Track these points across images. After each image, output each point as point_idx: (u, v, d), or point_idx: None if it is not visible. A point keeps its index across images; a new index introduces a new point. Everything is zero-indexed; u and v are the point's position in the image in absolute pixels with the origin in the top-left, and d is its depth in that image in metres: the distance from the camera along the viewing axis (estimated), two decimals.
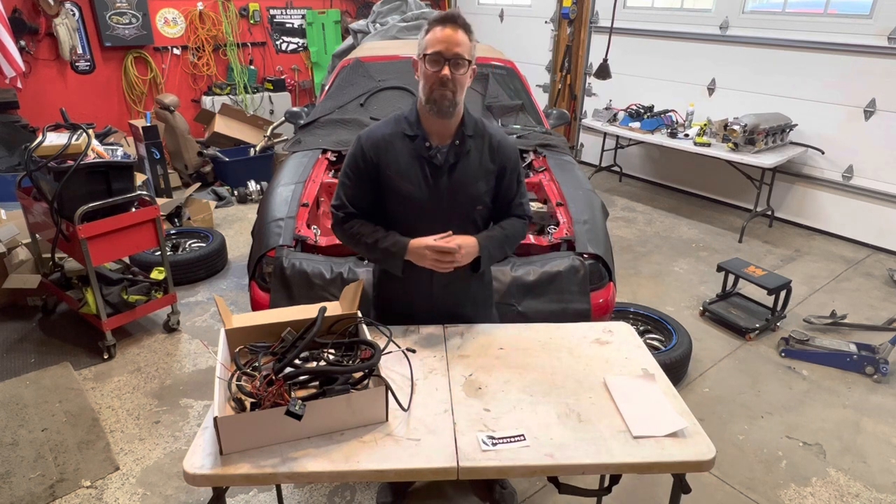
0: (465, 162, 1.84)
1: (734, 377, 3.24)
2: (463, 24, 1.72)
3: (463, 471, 1.42)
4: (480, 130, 1.87)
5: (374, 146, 1.83)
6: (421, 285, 1.92)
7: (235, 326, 1.73)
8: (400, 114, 1.88)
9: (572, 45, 6.73)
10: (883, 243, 4.81)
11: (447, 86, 1.70)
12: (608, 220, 3.15)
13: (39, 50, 5.73)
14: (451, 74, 1.69)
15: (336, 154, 3.49)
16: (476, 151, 1.85)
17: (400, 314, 1.98)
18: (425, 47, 1.72)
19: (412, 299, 1.97)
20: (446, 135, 1.82)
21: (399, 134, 1.83)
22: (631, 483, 2.47)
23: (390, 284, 1.99)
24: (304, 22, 7.43)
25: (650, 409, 1.59)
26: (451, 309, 1.99)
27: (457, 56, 1.69)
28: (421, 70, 1.75)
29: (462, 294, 2.00)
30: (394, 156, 1.82)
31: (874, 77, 4.56)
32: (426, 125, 1.81)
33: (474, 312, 2.04)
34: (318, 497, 2.45)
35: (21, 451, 2.62)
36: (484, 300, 2.10)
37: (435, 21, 1.73)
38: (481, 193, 1.87)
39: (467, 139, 1.83)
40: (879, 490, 2.52)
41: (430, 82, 1.72)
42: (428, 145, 1.81)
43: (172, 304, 3.56)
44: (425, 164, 1.82)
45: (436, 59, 1.70)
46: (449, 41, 1.69)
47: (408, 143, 1.82)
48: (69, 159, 3.02)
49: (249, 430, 1.41)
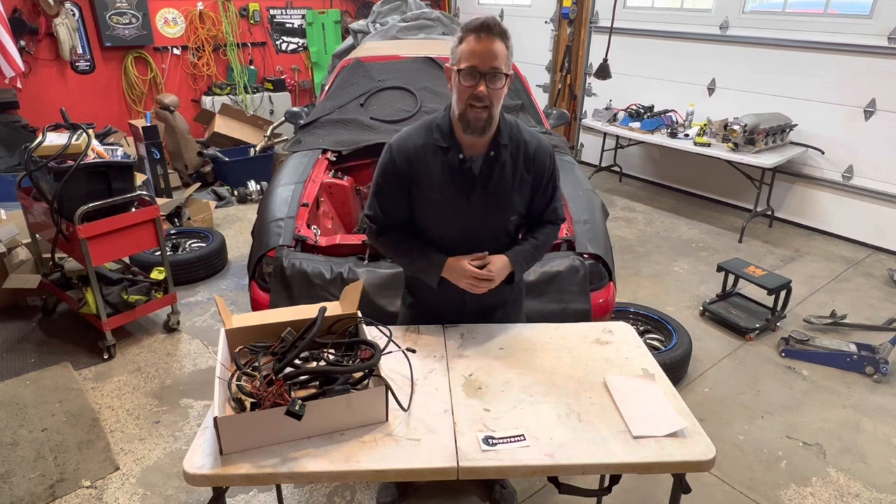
0: (500, 174, 1.76)
1: (734, 377, 3.24)
2: (500, 33, 1.61)
3: (463, 471, 1.42)
4: (516, 137, 1.79)
5: (406, 158, 1.76)
6: (454, 292, 1.89)
7: (235, 326, 1.73)
8: (432, 121, 1.80)
9: (572, 45, 6.73)
10: (883, 243, 4.81)
11: (482, 101, 1.62)
12: (608, 220, 3.15)
13: (39, 50, 5.73)
14: (488, 90, 1.61)
15: (336, 154, 3.49)
16: (511, 161, 1.77)
17: (430, 316, 1.99)
18: (459, 59, 1.63)
19: (444, 303, 1.96)
20: (481, 145, 1.75)
21: (431, 146, 1.75)
22: (631, 483, 2.47)
23: (422, 288, 1.97)
24: (304, 22, 7.43)
25: (650, 409, 1.59)
26: (483, 313, 1.99)
27: (494, 70, 1.60)
28: (454, 82, 1.66)
29: (493, 298, 1.96)
30: (426, 168, 1.75)
31: (874, 77, 4.56)
32: (459, 136, 1.73)
33: (504, 314, 2.03)
34: (318, 497, 2.45)
35: (21, 451, 2.62)
36: (514, 301, 2.08)
37: (469, 30, 1.62)
38: (515, 205, 1.82)
39: (502, 149, 1.75)
40: (879, 490, 2.52)
41: (464, 97, 1.63)
42: (462, 157, 1.74)
43: (172, 304, 3.56)
44: (458, 176, 1.75)
45: (471, 74, 1.60)
46: (485, 54, 1.59)
47: (440, 155, 1.74)
48: (69, 159, 3.02)
49: (249, 430, 1.41)
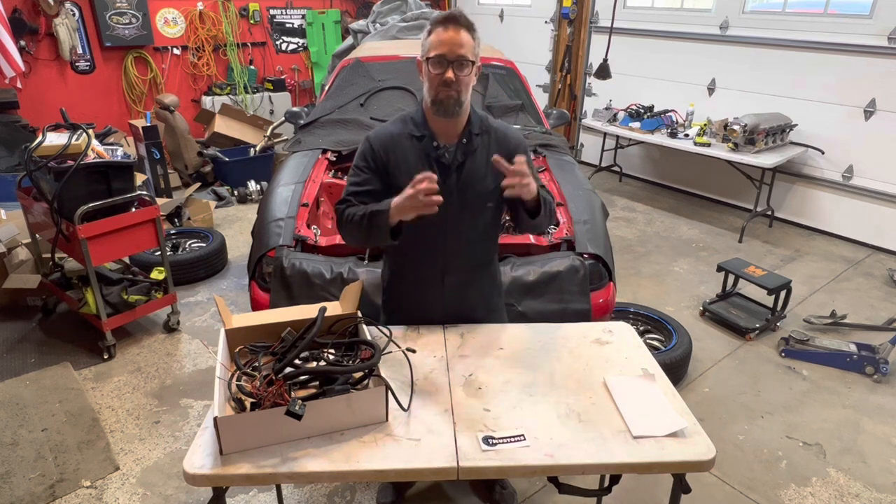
0: (473, 159, 1.83)
1: (734, 377, 3.24)
2: (465, 24, 1.71)
3: (463, 471, 1.41)
4: (486, 127, 1.87)
5: (383, 145, 1.83)
6: (432, 288, 1.92)
7: (235, 326, 1.73)
8: (406, 114, 1.89)
9: (572, 45, 6.73)
10: (883, 243, 4.81)
11: (451, 87, 1.70)
12: (608, 220, 3.15)
13: (39, 50, 5.73)
14: (456, 76, 1.69)
15: (336, 154, 3.49)
16: (483, 148, 1.84)
17: (410, 319, 1.98)
18: (428, 50, 1.72)
19: (423, 304, 1.96)
20: (453, 134, 1.82)
21: (406, 134, 1.83)
22: (631, 483, 2.47)
23: (400, 288, 1.99)
24: (304, 22, 7.43)
25: (650, 409, 1.59)
26: (464, 312, 1.98)
27: (460, 58, 1.69)
28: (425, 72, 1.75)
29: (475, 295, 1.99)
30: (402, 155, 1.82)
31: (874, 77, 4.56)
32: (433, 125, 1.81)
33: (486, 314, 2.03)
34: (318, 497, 2.45)
35: (21, 451, 2.62)
36: (497, 301, 2.09)
37: (436, 22, 1.72)
38: (490, 190, 1.85)
39: (474, 137, 1.83)
40: (879, 490, 2.52)
41: (434, 85, 1.72)
42: (436, 145, 1.81)
43: (172, 304, 3.56)
44: (433, 163, 1.81)
45: (439, 62, 1.69)
46: (452, 43, 1.68)
47: (415, 143, 1.82)
48: (69, 159, 3.02)
49: (249, 430, 1.40)
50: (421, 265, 1.92)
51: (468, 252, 1.93)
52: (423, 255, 1.90)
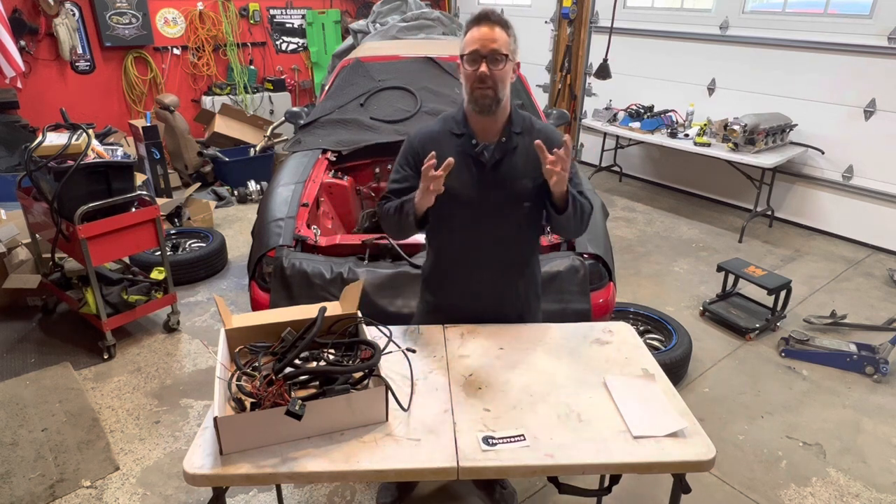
0: (511, 159, 1.85)
1: (734, 377, 3.24)
2: (498, 21, 1.74)
3: (463, 471, 1.42)
4: (528, 127, 1.88)
5: (423, 143, 1.88)
6: (466, 282, 1.94)
7: (235, 326, 1.73)
8: (448, 114, 1.94)
9: (572, 45, 6.72)
10: (883, 243, 4.81)
11: (486, 83, 1.73)
12: (608, 220, 3.15)
13: (39, 50, 5.73)
14: (490, 71, 1.72)
15: (336, 154, 3.49)
16: (523, 148, 1.84)
17: (445, 317, 2.00)
18: (463, 48, 1.76)
19: (452, 295, 1.99)
20: (493, 132, 1.84)
21: (447, 132, 1.88)
22: (631, 483, 2.47)
23: (435, 287, 2.02)
24: (304, 22, 7.43)
25: (650, 409, 1.59)
26: (497, 309, 1.99)
27: (493, 52, 1.71)
28: (462, 71, 1.79)
29: (509, 294, 1.99)
30: (441, 152, 1.81)
31: (874, 77, 4.56)
32: (472, 123, 1.84)
33: (519, 315, 2.03)
34: (318, 497, 2.45)
35: (21, 451, 2.62)
36: (533, 304, 2.08)
37: (470, 22, 1.77)
38: (528, 190, 1.86)
39: (514, 136, 1.85)
40: (879, 490, 2.52)
41: (470, 81, 1.76)
42: (475, 143, 1.84)
43: (172, 304, 3.56)
44: (472, 161, 1.84)
45: (473, 58, 1.73)
46: (484, 38, 1.71)
47: (455, 141, 1.85)
48: (69, 159, 3.02)
49: (249, 430, 1.41)
50: (456, 258, 1.95)
51: (502, 249, 1.93)
52: (459, 250, 1.94)
